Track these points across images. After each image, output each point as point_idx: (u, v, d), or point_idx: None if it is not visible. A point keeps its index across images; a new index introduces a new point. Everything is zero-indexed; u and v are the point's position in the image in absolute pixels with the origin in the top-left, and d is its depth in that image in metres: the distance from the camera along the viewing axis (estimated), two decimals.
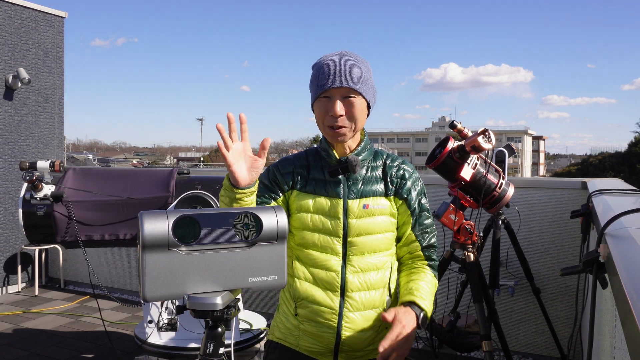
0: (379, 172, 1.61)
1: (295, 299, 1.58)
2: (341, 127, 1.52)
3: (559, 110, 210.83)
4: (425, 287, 1.57)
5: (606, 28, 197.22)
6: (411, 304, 1.50)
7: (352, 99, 1.51)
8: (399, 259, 1.68)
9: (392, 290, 1.62)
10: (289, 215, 1.60)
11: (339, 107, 1.50)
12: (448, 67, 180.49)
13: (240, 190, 1.36)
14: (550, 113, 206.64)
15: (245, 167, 1.37)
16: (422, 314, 1.49)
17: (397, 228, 1.63)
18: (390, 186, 1.60)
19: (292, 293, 1.59)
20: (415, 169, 1.68)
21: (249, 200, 1.39)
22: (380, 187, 1.59)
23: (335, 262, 1.55)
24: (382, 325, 1.58)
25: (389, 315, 1.44)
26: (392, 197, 1.60)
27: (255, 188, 1.41)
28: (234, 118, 1.35)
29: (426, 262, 1.65)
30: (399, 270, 1.68)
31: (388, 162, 1.63)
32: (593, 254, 1.21)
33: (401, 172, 1.62)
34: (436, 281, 1.64)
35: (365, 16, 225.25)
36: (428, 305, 1.52)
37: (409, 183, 1.62)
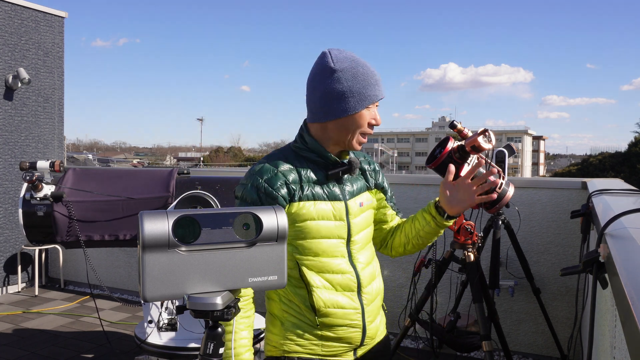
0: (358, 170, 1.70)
1: (317, 309, 1.52)
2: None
3: (559, 110, 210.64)
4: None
5: (605, 29, 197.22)
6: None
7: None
8: (387, 232, 1.76)
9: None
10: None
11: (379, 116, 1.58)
12: (447, 67, 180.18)
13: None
14: (550, 113, 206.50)
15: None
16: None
17: (379, 211, 1.73)
18: (371, 179, 1.69)
19: (313, 304, 1.52)
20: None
21: None
22: (362, 183, 1.66)
23: (345, 264, 1.56)
24: (382, 309, 1.70)
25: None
26: (373, 190, 1.69)
27: None
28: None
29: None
30: (396, 229, 1.76)
31: (361, 159, 1.70)
32: (593, 254, 1.21)
33: (372, 165, 1.73)
34: None
35: (365, 16, 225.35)
36: None
37: (380, 174, 1.73)
